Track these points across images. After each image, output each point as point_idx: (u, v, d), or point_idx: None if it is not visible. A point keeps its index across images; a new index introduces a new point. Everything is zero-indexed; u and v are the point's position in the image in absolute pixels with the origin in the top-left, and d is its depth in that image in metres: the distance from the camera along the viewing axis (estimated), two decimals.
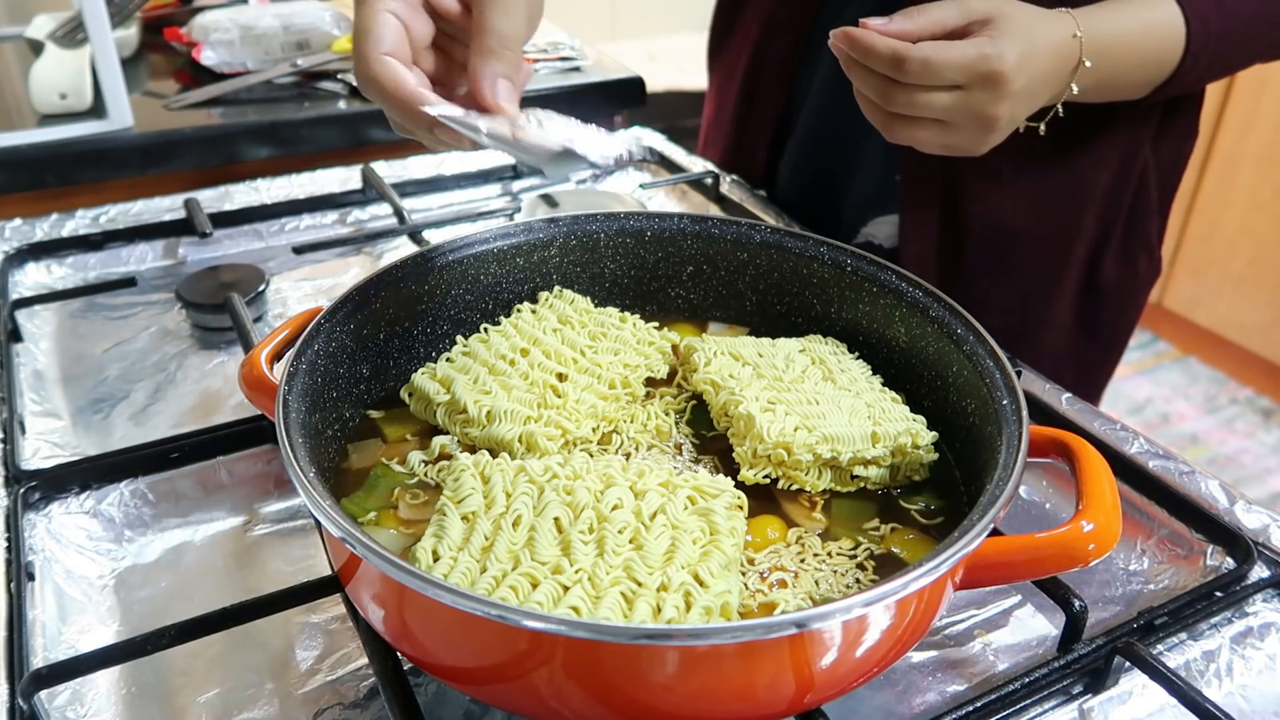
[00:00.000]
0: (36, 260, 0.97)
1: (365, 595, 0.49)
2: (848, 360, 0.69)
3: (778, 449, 0.60)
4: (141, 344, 0.86)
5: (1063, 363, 0.99)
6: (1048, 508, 0.71)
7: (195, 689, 0.56)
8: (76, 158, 1.14)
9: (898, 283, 0.68)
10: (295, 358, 0.58)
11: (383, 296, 0.66)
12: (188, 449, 0.71)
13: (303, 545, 0.66)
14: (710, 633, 0.43)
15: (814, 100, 1.01)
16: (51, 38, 1.20)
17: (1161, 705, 0.55)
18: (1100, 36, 0.74)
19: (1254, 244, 2.55)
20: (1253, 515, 0.66)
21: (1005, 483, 0.50)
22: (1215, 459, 2.50)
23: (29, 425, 0.75)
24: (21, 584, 0.60)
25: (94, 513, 0.67)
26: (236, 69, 1.34)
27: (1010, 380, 0.57)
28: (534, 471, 0.55)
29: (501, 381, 0.65)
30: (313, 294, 0.94)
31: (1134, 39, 0.76)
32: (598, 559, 0.50)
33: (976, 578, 0.50)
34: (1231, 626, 0.60)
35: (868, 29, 0.68)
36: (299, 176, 1.12)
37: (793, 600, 0.52)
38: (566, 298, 0.74)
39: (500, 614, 0.42)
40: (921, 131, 0.71)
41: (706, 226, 0.75)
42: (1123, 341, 1.03)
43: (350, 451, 0.63)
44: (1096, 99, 0.80)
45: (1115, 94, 0.81)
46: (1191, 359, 2.86)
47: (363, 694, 0.56)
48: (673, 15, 3.36)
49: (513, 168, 1.15)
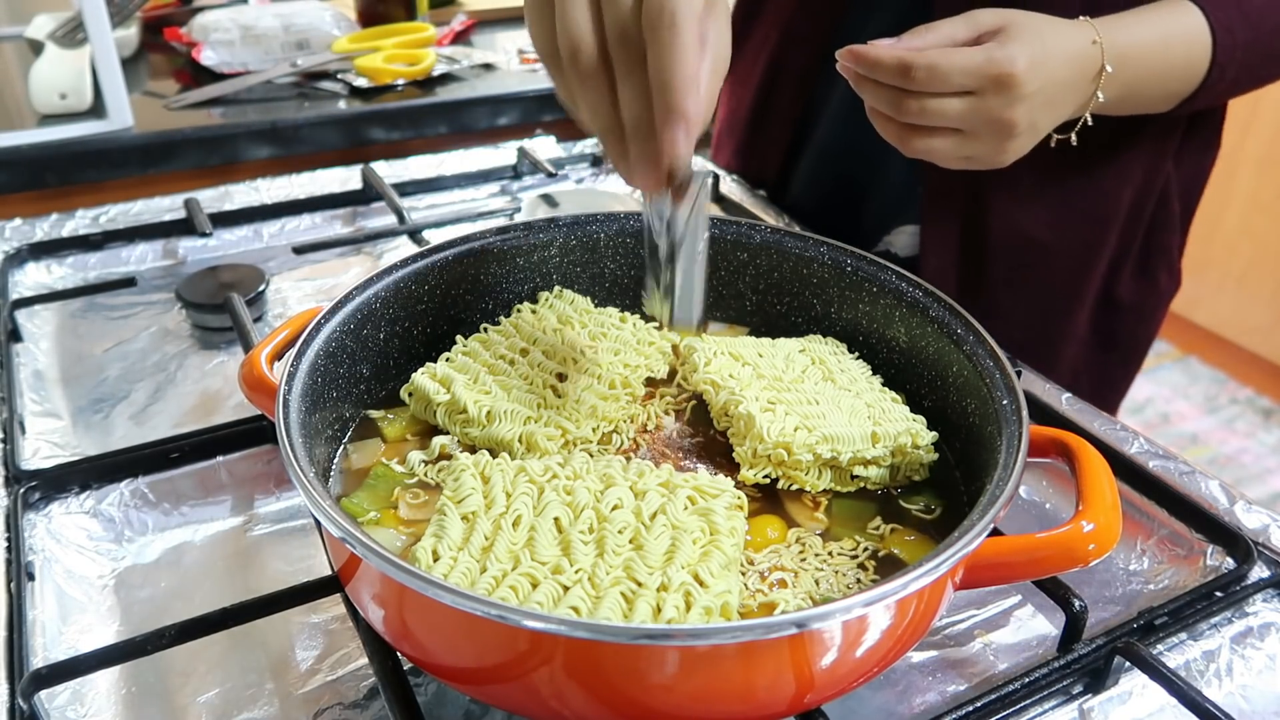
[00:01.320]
0: (36, 260, 0.97)
1: (365, 595, 0.49)
2: (848, 360, 0.69)
3: (778, 449, 0.60)
4: (141, 344, 0.86)
5: (1080, 375, 0.98)
6: (1048, 508, 0.71)
7: (195, 689, 0.56)
8: (76, 158, 1.14)
9: (898, 283, 0.68)
10: (295, 358, 0.58)
11: (383, 296, 0.66)
12: (188, 449, 0.71)
13: (303, 545, 0.66)
14: (710, 633, 0.43)
15: (835, 109, 1.00)
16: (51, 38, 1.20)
17: (1161, 705, 0.55)
18: (1121, 44, 0.73)
19: (1254, 244, 2.55)
20: (1253, 515, 0.66)
21: (1005, 483, 0.50)
22: (1215, 459, 2.50)
23: (29, 425, 0.75)
24: (21, 584, 0.60)
25: (94, 513, 0.67)
26: (236, 69, 1.34)
27: (1010, 380, 0.57)
28: (534, 471, 0.55)
29: (501, 381, 0.65)
30: (313, 294, 0.94)
31: (1157, 47, 0.75)
32: (598, 559, 0.50)
33: (976, 578, 0.50)
34: (1231, 626, 0.60)
35: (875, 46, 0.68)
36: (299, 176, 1.12)
37: (793, 600, 0.52)
38: (566, 298, 0.74)
39: (500, 614, 0.42)
40: (938, 142, 0.70)
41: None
42: (1141, 355, 1.02)
43: (350, 451, 0.63)
44: (1124, 110, 0.79)
45: (1143, 105, 0.79)
46: (1191, 359, 2.86)
47: (363, 694, 0.56)
48: None
49: (513, 168, 1.15)
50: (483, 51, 1.46)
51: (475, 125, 1.32)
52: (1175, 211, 0.95)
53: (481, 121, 1.32)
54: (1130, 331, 0.99)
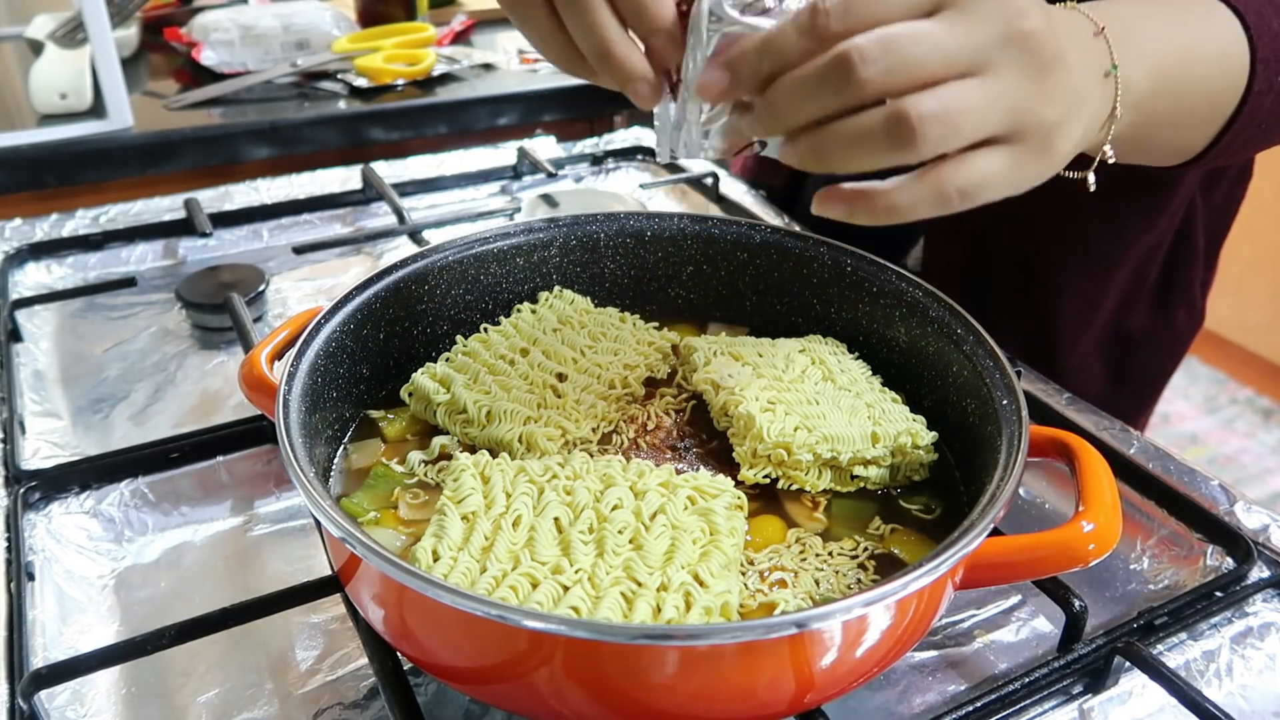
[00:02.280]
0: (36, 260, 0.97)
1: (365, 595, 0.49)
2: (848, 360, 0.69)
3: (777, 449, 0.60)
4: (141, 344, 0.86)
5: None
6: (1048, 508, 0.71)
7: (195, 689, 0.56)
8: (76, 158, 1.14)
9: (898, 283, 0.68)
10: (295, 358, 0.58)
11: (382, 296, 0.66)
12: (188, 449, 0.71)
13: (303, 545, 0.66)
14: (710, 633, 0.43)
15: None
16: (51, 38, 1.20)
17: (1161, 705, 0.55)
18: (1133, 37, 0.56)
19: (1254, 244, 2.55)
20: (1253, 515, 0.66)
21: (1005, 483, 0.50)
22: (1215, 459, 2.50)
23: (29, 425, 0.75)
24: (21, 584, 0.60)
25: (94, 513, 0.67)
26: (236, 69, 1.34)
27: (1010, 380, 0.57)
28: (534, 472, 0.55)
29: (501, 381, 0.65)
30: (313, 294, 0.94)
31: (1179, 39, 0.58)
32: (598, 559, 0.50)
33: (976, 578, 0.50)
34: (1231, 626, 0.60)
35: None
36: (299, 176, 1.12)
37: (793, 600, 0.52)
38: (566, 298, 0.74)
39: (500, 614, 0.42)
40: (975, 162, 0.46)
41: (706, 226, 0.75)
42: (1155, 391, 0.95)
43: (350, 451, 0.63)
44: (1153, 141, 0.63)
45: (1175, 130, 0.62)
46: (1191, 359, 2.86)
47: (363, 694, 0.56)
48: None
49: (513, 168, 1.15)
50: (483, 51, 1.46)
51: (475, 125, 1.32)
52: (1200, 246, 0.87)
53: (481, 121, 1.32)
54: (1143, 367, 0.92)
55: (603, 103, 1.38)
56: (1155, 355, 0.93)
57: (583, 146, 1.23)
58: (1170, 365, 0.95)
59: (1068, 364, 0.91)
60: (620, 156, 1.22)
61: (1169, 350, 0.93)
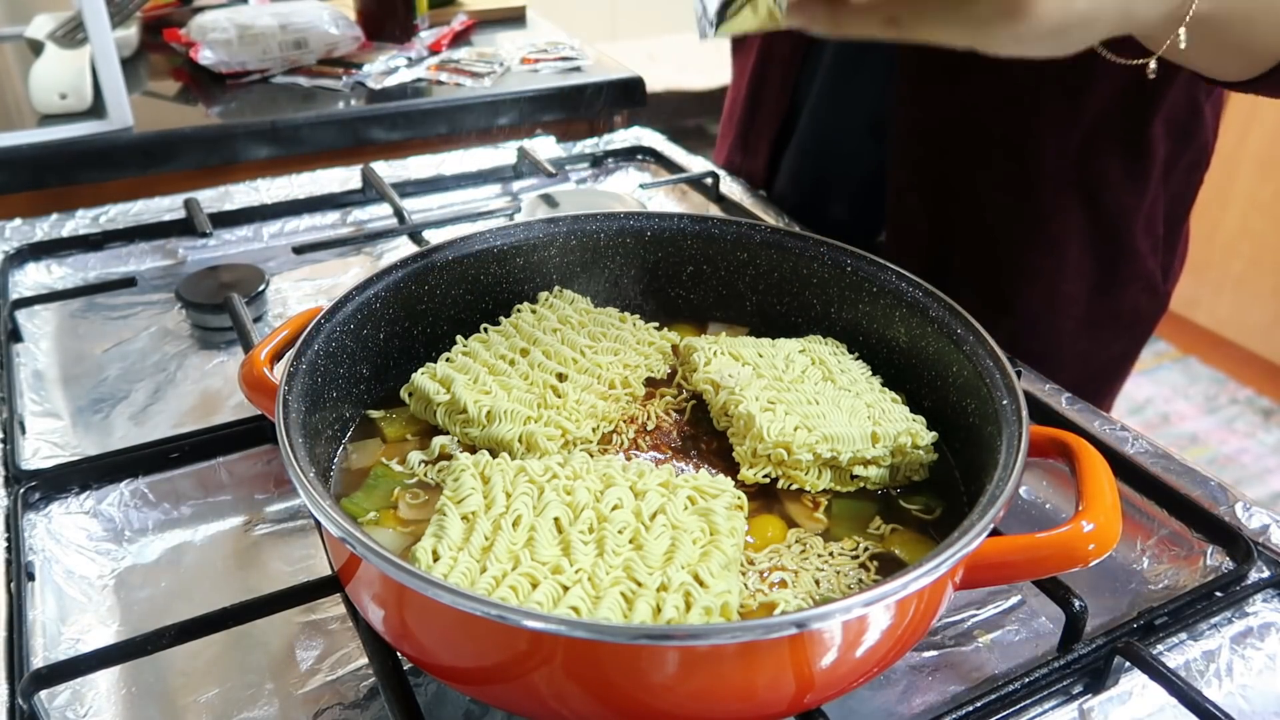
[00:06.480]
0: (36, 260, 0.97)
1: (365, 595, 0.49)
2: (848, 360, 0.69)
3: (777, 448, 0.60)
4: (141, 344, 0.86)
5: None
6: (1048, 508, 0.71)
7: (195, 689, 0.56)
8: (76, 158, 1.14)
9: (898, 283, 0.68)
10: (295, 358, 0.58)
11: (383, 296, 0.66)
12: (188, 449, 0.71)
13: (303, 545, 0.66)
14: (710, 633, 0.43)
15: (813, 103, 1.00)
16: (51, 38, 1.20)
17: (1161, 705, 0.55)
18: None
19: (1254, 244, 2.55)
20: (1253, 515, 0.66)
21: (1005, 483, 0.50)
22: (1215, 459, 2.50)
23: (29, 425, 0.75)
24: (21, 584, 0.60)
25: (94, 513, 0.67)
26: (235, 68, 1.34)
27: (1010, 380, 0.57)
28: (534, 471, 0.55)
29: (501, 381, 0.65)
30: (313, 294, 0.94)
31: None
32: (598, 559, 0.50)
33: (976, 578, 0.50)
34: (1231, 626, 0.60)
35: None
36: (299, 176, 1.12)
37: (793, 600, 0.52)
38: (566, 298, 0.74)
39: (500, 614, 0.42)
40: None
41: (706, 226, 0.75)
42: (1122, 374, 0.99)
43: (350, 451, 0.63)
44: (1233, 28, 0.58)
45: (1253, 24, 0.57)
46: (1191, 359, 2.86)
47: (363, 694, 0.56)
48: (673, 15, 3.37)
49: (513, 168, 1.15)
50: (483, 51, 1.46)
51: (475, 125, 1.32)
52: (1158, 234, 0.90)
53: (481, 122, 1.32)
54: (1105, 348, 0.95)
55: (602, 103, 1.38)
56: (1118, 338, 0.95)
57: (583, 146, 1.23)
58: (1134, 348, 0.97)
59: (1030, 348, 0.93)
60: (620, 156, 1.22)
61: (1130, 332, 0.96)
